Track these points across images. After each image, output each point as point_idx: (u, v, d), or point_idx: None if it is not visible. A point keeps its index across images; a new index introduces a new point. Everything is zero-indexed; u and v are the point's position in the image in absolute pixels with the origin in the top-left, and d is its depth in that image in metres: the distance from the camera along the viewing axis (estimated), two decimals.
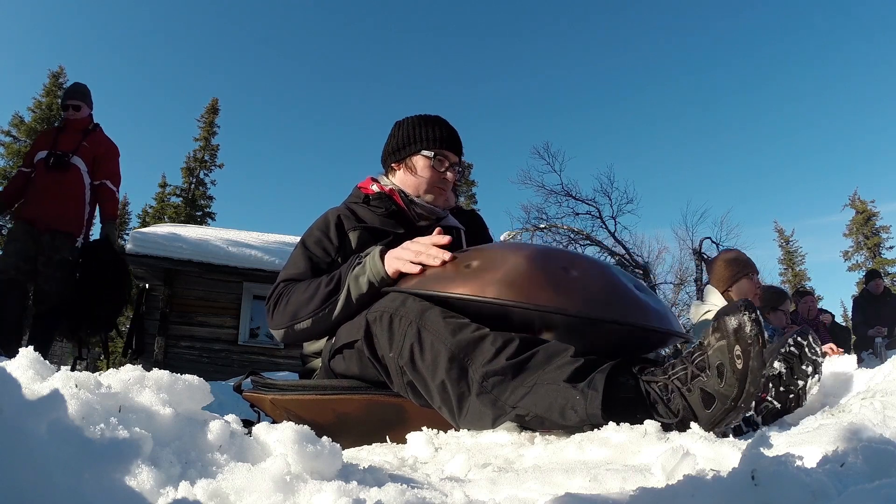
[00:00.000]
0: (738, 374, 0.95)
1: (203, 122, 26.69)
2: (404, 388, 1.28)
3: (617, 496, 0.63)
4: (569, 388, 1.03)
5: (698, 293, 16.43)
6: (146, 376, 0.76)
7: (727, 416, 0.96)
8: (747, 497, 0.51)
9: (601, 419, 0.98)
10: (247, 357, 10.46)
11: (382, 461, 1.03)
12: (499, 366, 1.11)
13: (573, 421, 1.01)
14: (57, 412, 0.51)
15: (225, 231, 12.51)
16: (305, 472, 0.64)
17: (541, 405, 1.05)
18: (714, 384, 0.97)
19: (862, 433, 0.75)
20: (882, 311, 6.49)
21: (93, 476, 0.47)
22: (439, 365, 1.17)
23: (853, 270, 25.72)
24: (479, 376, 1.13)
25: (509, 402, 1.09)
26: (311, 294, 1.49)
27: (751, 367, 0.94)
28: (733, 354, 0.96)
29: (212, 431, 0.69)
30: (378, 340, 1.29)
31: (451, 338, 1.17)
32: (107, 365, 4.31)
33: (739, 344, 0.95)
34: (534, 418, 1.07)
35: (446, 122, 1.85)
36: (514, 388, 1.10)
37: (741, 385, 0.95)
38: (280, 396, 1.45)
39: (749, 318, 0.95)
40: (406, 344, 1.22)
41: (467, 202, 24.93)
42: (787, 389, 1.06)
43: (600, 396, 0.99)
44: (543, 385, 1.07)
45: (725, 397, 0.95)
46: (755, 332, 0.94)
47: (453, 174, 1.79)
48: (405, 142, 1.79)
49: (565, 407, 1.02)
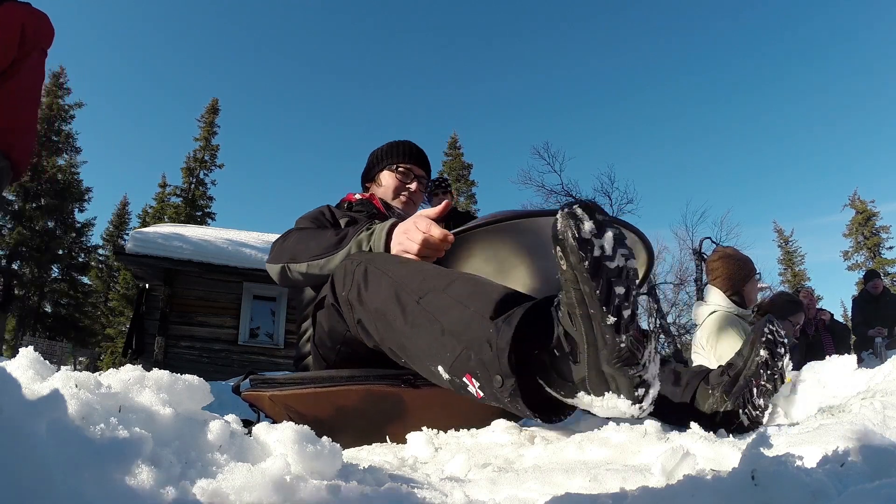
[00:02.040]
0: (577, 300, 0.82)
1: (203, 122, 26.71)
2: (355, 326, 1.30)
3: (617, 496, 0.63)
4: (488, 322, 0.96)
5: (698, 293, 16.43)
6: (146, 376, 0.76)
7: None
8: (747, 497, 0.51)
9: (508, 369, 0.88)
10: (247, 357, 10.46)
11: (382, 461, 1.04)
12: (433, 285, 1.12)
13: (487, 358, 0.94)
14: (57, 412, 0.51)
15: (225, 231, 12.50)
16: (305, 473, 0.64)
17: (461, 330, 1.00)
18: (566, 299, 0.84)
19: (862, 433, 0.75)
20: (881, 312, 6.49)
21: (93, 476, 0.47)
22: (381, 290, 1.20)
23: (853, 270, 25.74)
24: (416, 296, 1.14)
25: (441, 318, 1.06)
26: (316, 241, 1.52)
27: (585, 290, 0.81)
28: (569, 278, 0.83)
29: (212, 431, 0.69)
30: (335, 285, 1.35)
31: (394, 267, 1.23)
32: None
33: (567, 265, 0.83)
34: (460, 355, 1.00)
35: (412, 143, 2.08)
36: (447, 305, 1.06)
37: (585, 311, 0.82)
38: (279, 392, 1.45)
39: (568, 222, 0.82)
40: (355, 279, 1.28)
41: (467, 202, 24.93)
42: (772, 371, 1.23)
43: (511, 331, 0.89)
44: (468, 311, 1.02)
45: (575, 310, 0.82)
46: (577, 246, 0.80)
47: (418, 185, 2.02)
48: (375, 162, 2.06)
49: (482, 340, 0.95)
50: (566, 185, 16.59)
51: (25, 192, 21.93)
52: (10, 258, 21.60)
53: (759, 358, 1.23)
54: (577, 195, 16.48)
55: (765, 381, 1.22)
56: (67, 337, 23.46)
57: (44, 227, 22.69)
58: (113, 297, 27.60)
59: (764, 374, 1.23)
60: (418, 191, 2.02)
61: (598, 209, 0.86)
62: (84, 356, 21.43)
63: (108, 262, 27.22)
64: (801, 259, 28.55)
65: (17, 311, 22.22)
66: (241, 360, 10.35)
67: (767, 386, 1.23)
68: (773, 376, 1.24)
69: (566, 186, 16.57)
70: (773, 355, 1.24)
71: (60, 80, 23.93)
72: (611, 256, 0.83)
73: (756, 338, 1.26)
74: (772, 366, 1.24)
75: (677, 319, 19.04)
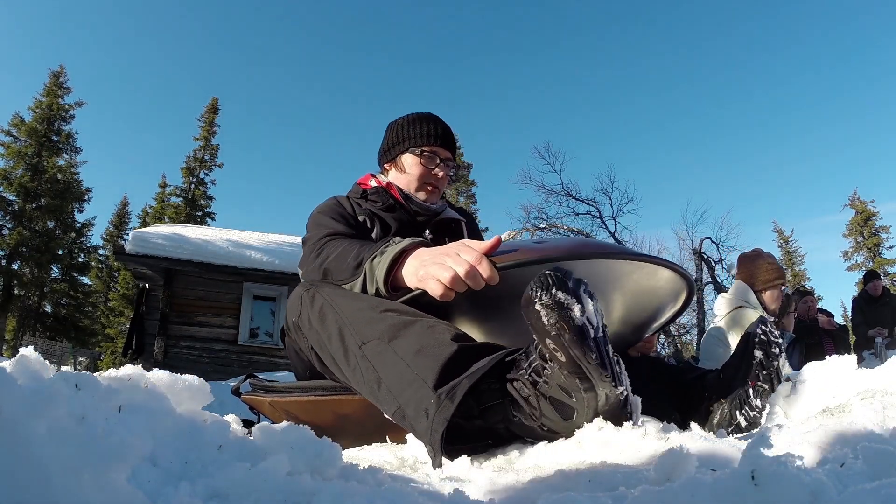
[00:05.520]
0: (566, 367, 0.84)
1: (203, 122, 26.72)
2: (309, 350, 1.30)
3: (617, 496, 0.63)
4: (429, 390, 0.92)
5: (698, 293, 16.42)
6: (146, 376, 0.76)
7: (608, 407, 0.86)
8: (747, 497, 0.51)
9: (439, 445, 0.87)
10: (247, 357, 10.46)
11: (382, 461, 1.03)
12: (378, 332, 1.07)
13: (421, 427, 0.92)
14: (57, 412, 0.51)
15: (225, 231, 12.51)
16: (305, 473, 0.64)
17: (400, 391, 0.99)
18: (558, 376, 0.85)
19: (862, 433, 0.75)
20: (881, 312, 6.49)
21: (93, 476, 0.47)
22: (327, 325, 1.18)
23: (853, 270, 25.75)
24: (359, 340, 1.10)
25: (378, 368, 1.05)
26: (341, 261, 1.35)
27: (574, 356, 0.82)
28: (550, 349, 0.85)
29: (212, 431, 0.69)
30: (287, 310, 1.36)
31: (341, 301, 1.19)
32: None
33: (548, 338, 0.84)
34: (396, 409, 1.00)
35: (437, 118, 1.81)
36: (389, 360, 1.03)
37: (582, 375, 0.83)
38: (279, 399, 1.45)
39: (542, 303, 0.83)
40: (303, 306, 1.27)
41: (467, 202, 24.91)
42: (768, 372, 1.23)
43: (451, 411, 0.87)
44: (410, 373, 0.98)
45: (578, 389, 0.84)
46: (554, 321, 0.82)
47: (444, 170, 1.76)
48: (396, 140, 1.78)
49: (419, 407, 0.93)
50: (566, 185, 16.61)
51: (25, 192, 21.93)
52: (10, 258, 21.58)
53: (753, 359, 1.24)
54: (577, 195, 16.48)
55: (761, 381, 1.23)
56: (67, 337, 23.46)
57: (44, 227, 22.68)
58: (113, 297, 27.59)
59: (760, 374, 1.23)
60: (445, 177, 1.76)
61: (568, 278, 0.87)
62: (84, 356, 21.40)
63: (108, 262, 27.22)
64: (801, 259, 28.58)
65: (17, 311, 22.22)
66: (241, 360, 10.35)
67: (764, 386, 1.23)
68: (770, 376, 1.24)
69: (566, 186, 16.59)
70: (767, 355, 1.24)
71: (60, 80, 23.92)
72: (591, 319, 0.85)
73: (750, 338, 1.26)
74: (767, 366, 1.24)
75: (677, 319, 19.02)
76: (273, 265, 10.46)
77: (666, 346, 16.02)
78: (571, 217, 16.48)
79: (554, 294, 0.82)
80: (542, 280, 0.84)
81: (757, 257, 3.45)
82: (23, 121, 22.59)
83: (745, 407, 1.21)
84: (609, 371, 0.84)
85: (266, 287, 10.72)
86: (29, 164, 22.23)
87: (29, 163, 22.25)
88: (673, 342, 16.73)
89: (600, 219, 16.40)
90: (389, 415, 1.05)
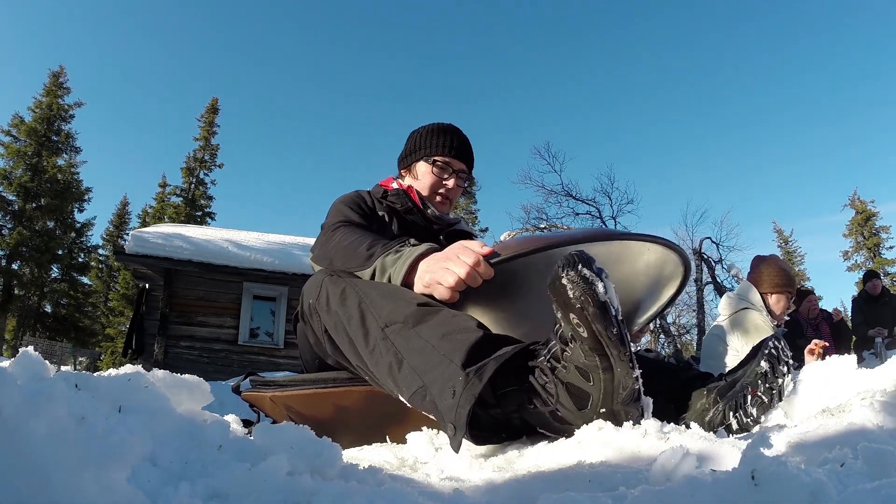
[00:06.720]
0: (588, 342, 0.88)
1: (203, 122, 26.72)
2: (323, 335, 1.32)
3: (617, 496, 0.63)
4: (457, 368, 0.96)
5: (698, 293, 16.43)
6: (146, 376, 0.76)
7: (615, 394, 0.89)
8: (747, 497, 0.51)
9: (464, 422, 0.90)
10: (247, 357, 10.46)
11: (382, 461, 1.04)
12: (402, 316, 1.11)
13: (445, 405, 0.95)
14: (57, 412, 0.51)
15: (225, 231, 12.51)
16: (305, 473, 0.64)
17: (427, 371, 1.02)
18: (578, 356, 0.90)
19: (862, 433, 0.75)
20: (881, 312, 6.49)
21: (93, 476, 0.47)
22: (347, 306, 1.20)
23: (853, 270, 25.75)
24: (382, 323, 1.14)
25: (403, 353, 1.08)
26: (352, 249, 1.41)
27: (597, 329, 0.87)
28: (573, 324, 0.89)
29: (212, 431, 0.69)
30: (304, 294, 1.37)
31: (364, 286, 1.23)
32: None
33: (573, 312, 0.88)
34: (418, 391, 1.03)
35: (456, 130, 1.87)
36: (415, 346, 1.06)
37: (602, 352, 0.88)
38: (280, 393, 1.45)
39: (569, 278, 0.88)
40: (323, 288, 1.29)
41: (467, 202, 24.93)
42: (770, 386, 1.19)
43: (480, 387, 0.91)
44: (436, 354, 1.01)
45: (597, 368, 0.89)
46: (580, 293, 0.86)
47: (457, 181, 1.81)
48: (413, 148, 1.86)
49: (445, 384, 0.97)
50: (566, 185, 16.62)
51: (25, 192, 21.93)
52: (10, 258, 21.59)
53: (759, 368, 1.21)
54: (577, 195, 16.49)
55: (761, 392, 1.20)
56: (67, 337, 23.46)
57: (44, 227, 22.69)
58: (113, 297, 27.60)
59: (762, 385, 1.20)
60: (456, 187, 1.81)
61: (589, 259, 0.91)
62: (84, 356, 21.42)
63: (108, 262, 27.22)
64: (801, 259, 28.58)
65: (17, 311, 22.22)
66: (241, 360, 10.35)
67: (763, 398, 1.21)
68: (771, 390, 1.21)
69: (566, 186, 16.60)
70: (773, 370, 1.21)
71: (60, 80, 23.93)
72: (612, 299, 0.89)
73: (760, 348, 1.24)
74: (770, 380, 1.21)
75: (677, 319, 19.05)
76: (273, 265, 10.46)
77: (666, 346, 16.03)
78: (571, 217, 16.52)
79: (580, 270, 0.88)
80: (568, 258, 0.90)
81: (769, 260, 3.45)
82: (23, 121, 22.59)
83: (739, 411, 1.19)
84: (627, 349, 0.88)
85: (266, 287, 10.73)
86: (29, 164, 22.24)
87: (29, 163, 22.26)
88: (673, 342, 16.73)
89: (600, 219, 16.42)
90: (407, 396, 1.07)
